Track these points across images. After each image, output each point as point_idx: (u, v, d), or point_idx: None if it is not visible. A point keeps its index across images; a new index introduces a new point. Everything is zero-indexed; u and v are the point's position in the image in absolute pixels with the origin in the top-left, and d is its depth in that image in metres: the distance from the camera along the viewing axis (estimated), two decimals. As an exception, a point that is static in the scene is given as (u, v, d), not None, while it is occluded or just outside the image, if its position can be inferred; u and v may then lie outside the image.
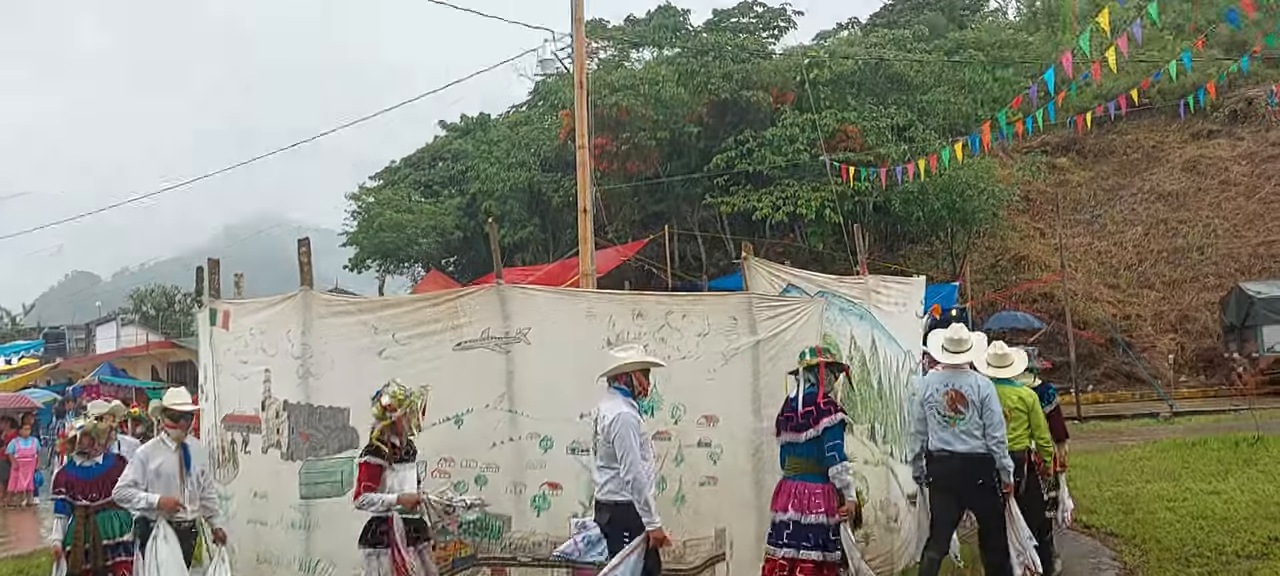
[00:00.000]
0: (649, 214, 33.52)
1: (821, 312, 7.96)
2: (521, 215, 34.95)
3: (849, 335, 8.48)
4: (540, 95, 41.29)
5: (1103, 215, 31.96)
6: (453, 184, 39.33)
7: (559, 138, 33.45)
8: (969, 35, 35.75)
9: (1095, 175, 33.90)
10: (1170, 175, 32.20)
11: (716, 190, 30.03)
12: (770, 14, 36.35)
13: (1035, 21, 43.48)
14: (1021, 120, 20.63)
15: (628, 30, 37.72)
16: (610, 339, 7.16)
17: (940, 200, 27.84)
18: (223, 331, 7.83)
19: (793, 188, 28.44)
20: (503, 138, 38.70)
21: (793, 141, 29.00)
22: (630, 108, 30.18)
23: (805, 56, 32.58)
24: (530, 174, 34.66)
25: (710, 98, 31.11)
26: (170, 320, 56.36)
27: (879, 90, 32.28)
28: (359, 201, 39.96)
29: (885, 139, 29.49)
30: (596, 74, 31.56)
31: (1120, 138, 34.66)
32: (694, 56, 32.25)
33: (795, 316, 7.72)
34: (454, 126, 43.49)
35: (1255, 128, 32.68)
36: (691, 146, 31.83)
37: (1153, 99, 30.21)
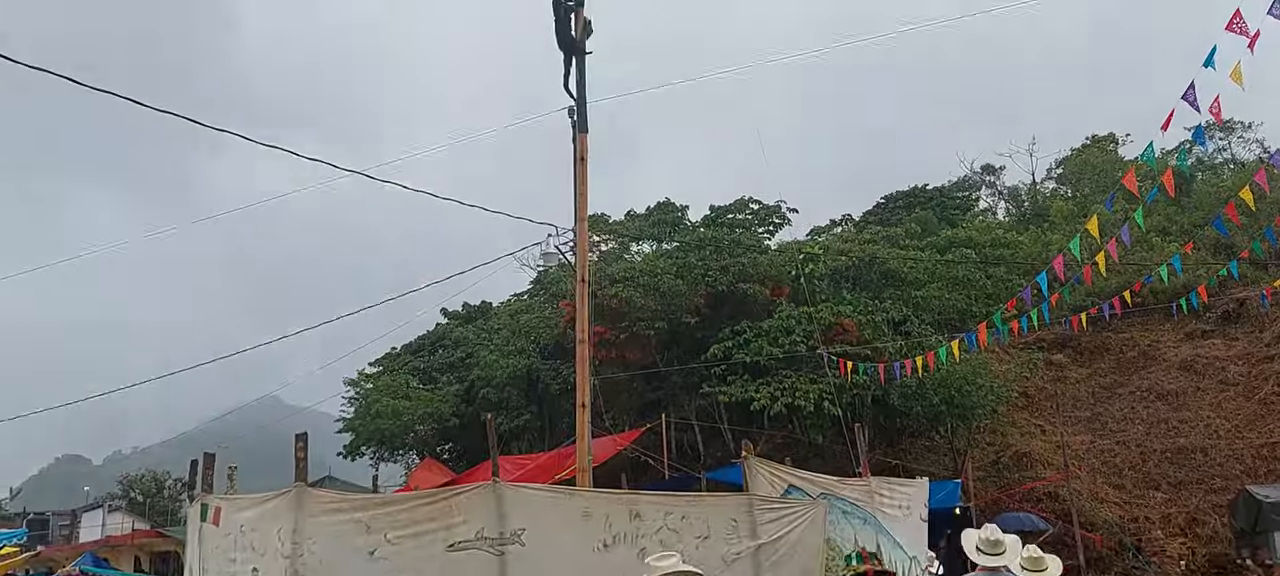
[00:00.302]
0: (646, 402, 33.40)
1: (825, 515, 7.82)
2: (519, 402, 34.82)
3: (853, 539, 8.30)
4: (542, 285, 42.00)
5: (1103, 413, 31.85)
6: (452, 370, 39.39)
7: (559, 326, 33.74)
8: (960, 233, 36.64)
9: (1093, 372, 34.01)
10: (1168, 374, 32.30)
11: (714, 380, 30.01)
12: (766, 211, 37.36)
13: (1024, 222, 44.70)
14: (1016, 320, 20.95)
15: (628, 225, 38.71)
16: (606, 541, 7.01)
17: (939, 395, 27.79)
18: (212, 527, 7.66)
19: (790, 379, 28.43)
20: (503, 325, 39.05)
21: (789, 333, 29.21)
22: (629, 298, 30.60)
23: (800, 251, 33.28)
24: (529, 361, 34.76)
25: (708, 289, 31.57)
26: (159, 506, 55.23)
27: (874, 285, 32.81)
28: (357, 387, 39.92)
29: (882, 333, 29.73)
30: (597, 265, 32.18)
31: (1116, 336, 34.98)
32: (692, 250, 32.94)
33: (798, 520, 7.58)
34: (455, 314, 43.97)
35: (1249, 328, 33.04)
36: (689, 336, 32.05)
37: (1145, 299, 30.67)
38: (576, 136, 13.38)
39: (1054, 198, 46.78)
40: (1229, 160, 46.20)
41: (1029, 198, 50.19)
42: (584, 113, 13.37)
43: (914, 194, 47.13)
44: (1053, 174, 50.78)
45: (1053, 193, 48.86)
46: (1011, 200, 52.44)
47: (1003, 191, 53.71)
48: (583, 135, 13.25)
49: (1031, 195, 50.24)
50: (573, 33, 13.67)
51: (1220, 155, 46.92)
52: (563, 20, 13.64)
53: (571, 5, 13.78)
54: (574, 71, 13.64)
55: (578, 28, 13.73)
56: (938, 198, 46.70)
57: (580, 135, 13.28)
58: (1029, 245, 36.92)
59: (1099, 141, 47.69)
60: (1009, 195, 52.98)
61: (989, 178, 54.25)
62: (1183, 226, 36.09)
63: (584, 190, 13.21)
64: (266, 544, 7.25)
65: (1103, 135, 48.17)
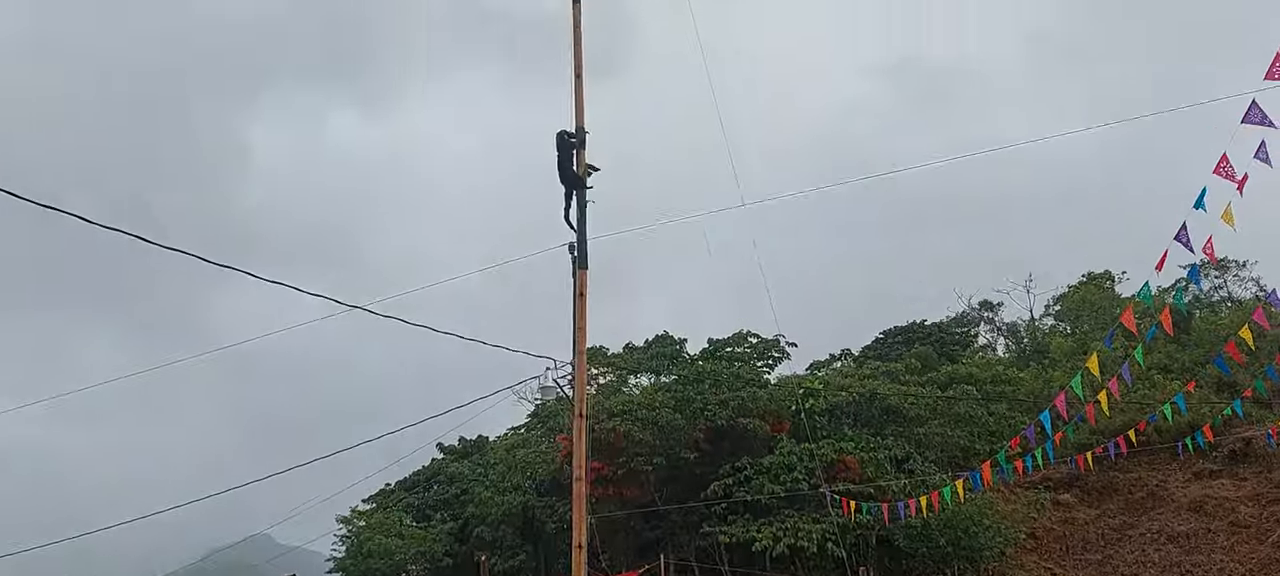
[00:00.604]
0: (644, 541, 32.59)
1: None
2: (514, 542, 34.01)
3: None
4: (539, 418, 41.59)
5: (1114, 556, 31.03)
6: (446, 507, 38.68)
7: (556, 462, 33.24)
8: (960, 370, 36.50)
9: (1102, 513, 33.30)
10: (1178, 516, 31.61)
11: (714, 519, 29.38)
12: (764, 344, 37.31)
13: (1024, 358, 44.57)
14: (1021, 458, 20.65)
15: (627, 358, 38.59)
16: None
17: (945, 536, 27.18)
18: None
19: (793, 519, 27.84)
20: (499, 460, 38.50)
21: (791, 470, 28.77)
22: (627, 432, 30.24)
23: (800, 386, 33.09)
24: (524, 498, 34.12)
25: (707, 424, 31.25)
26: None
27: (875, 421, 32.49)
28: (349, 525, 39.12)
29: (884, 471, 29.28)
30: (595, 399, 31.92)
31: (1123, 475, 34.39)
32: (691, 383, 32.74)
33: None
34: (451, 448, 43.42)
35: (1257, 468, 32.51)
36: (688, 472, 31.54)
37: (1151, 438, 30.30)
38: (576, 272, 13.44)
39: (1053, 334, 46.78)
40: (1226, 298, 46.41)
41: (1028, 334, 50.20)
42: (584, 249, 13.48)
43: (913, 329, 47.18)
44: (1051, 310, 50.93)
45: (1052, 329, 48.91)
46: (1011, 336, 52.44)
47: (1002, 327, 53.78)
48: (582, 271, 13.32)
49: (1031, 331, 50.28)
50: (575, 169, 13.92)
51: (1217, 293, 47.17)
52: (566, 156, 13.92)
53: (574, 143, 14.08)
54: (575, 207, 13.83)
55: (580, 166, 13.98)
56: (936, 333, 46.72)
57: (580, 271, 13.34)
58: (1030, 382, 36.70)
59: (1095, 278, 47.99)
60: (1008, 331, 53.01)
61: (987, 314, 54.40)
62: (1184, 364, 35.94)
63: (583, 325, 13.19)
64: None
65: (1099, 272, 48.53)
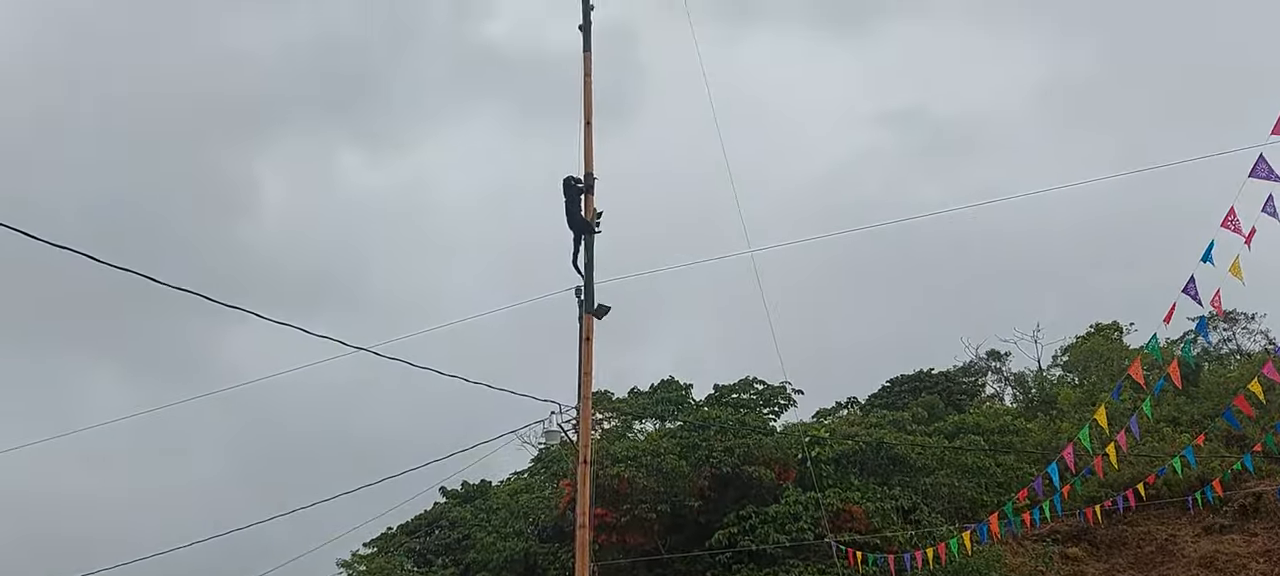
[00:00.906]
0: (648, 591, 32.26)
1: None
2: (515, 589, 33.65)
3: None
4: (543, 463, 41.32)
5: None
6: (448, 553, 38.30)
7: (559, 508, 32.98)
8: (968, 419, 36.25)
9: (1110, 568, 32.86)
10: (1188, 571, 31.19)
11: (719, 568, 29.08)
12: (770, 391, 37.16)
13: (1032, 408, 44.29)
14: (1028, 510, 20.44)
15: (631, 402, 38.47)
16: None
17: (952, 589, 26.80)
18: None
19: (798, 569, 27.57)
20: (502, 505, 38.20)
21: (796, 519, 28.52)
22: (631, 478, 30.04)
23: (806, 434, 32.90)
24: (527, 544, 33.79)
25: (712, 470, 31.03)
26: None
27: (881, 470, 32.24)
28: (350, 569, 38.75)
29: (891, 521, 28.99)
30: (599, 443, 31.74)
31: (1132, 529, 33.99)
32: (696, 430, 32.57)
33: None
34: (454, 493, 43.09)
35: (1268, 524, 32.11)
36: (693, 520, 31.26)
37: (1160, 492, 29.98)
38: (582, 316, 13.44)
39: (1061, 385, 46.53)
40: (1235, 351, 46.19)
41: (1036, 384, 49.93)
42: (591, 293, 13.50)
43: (920, 378, 46.96)
44: (1058, 361, 50.71)
45: (1059, 380, 48.65)
46: (1018, 386, 52.13)
47: (1009, 377, 53.48)
48: (589, 316, 13.32)
49: (1038, 382, 50.01)
50: (583, 214, 13.98)
51: (1226, 346, 46.96)
52: (573, 202, 13.99)
53: (581, 189, 14.15)
54: (583, 252, 13.87)
55: (588, 211, 14.04)
56: (944, 382, 46.49)
57: (587, 315, 13.34)
58: (1038, 433, 36.42)
59: (1103, 329, 47.82)
60: (1016, 381, 52.73)
61: (995, 364, 54.16)
62: (1192, 416, 35.67)
63: (589, 369, 13.17)
64: None
65: (1107, 324, 48.37)
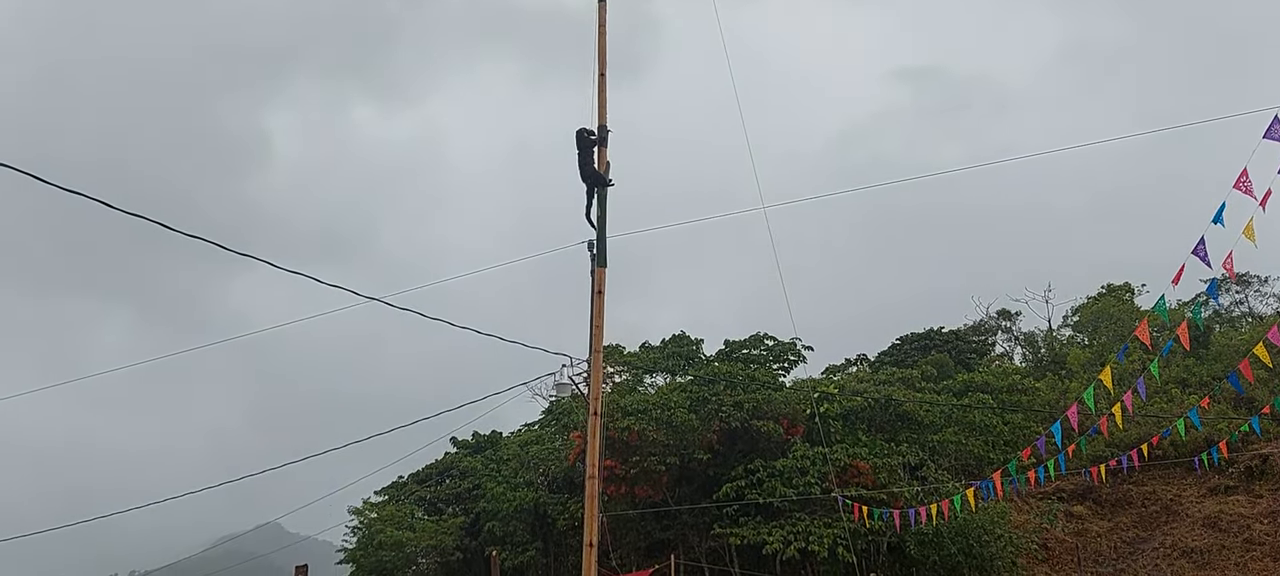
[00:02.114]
0: (655, 541, 32.63)
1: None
2: (525, 537, 34.13)
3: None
4: (553, 416, 41.71)
5: (1126, 570, 30.85)
6: (458, 501, 38.81)
7: (568, 459, 33.32)
8: (977, 378, 36.37)
9: (1114, 526, 33.10)
10: (1192, 531, 31.39)
11: (725, 520, 29.39)
12: (781, 347, 37.28)
13: (1041, 368, 44.34)
14: (1033, 469, 20.58)
15: (642, 356, 38.65)
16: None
17: (956, 544, 27.09)
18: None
19: (804, 522, 27.83)
20: (512, 456, 38.62)
21: (804, 474, 28.76)
22: (641, 431, 30.28)
23: (815, 390, 33.02)
24: (536, 494, 34.22)
25: (721, 425, 31.24)
26: (150, 638, 53.81)
27: (889, 427, 32.41)
28: (361, 517, 39.30)
29: (897, 477, 29.21)
30: (609, 397, 31.97)
31: (1137, 488, 34.19)
32: (706, 384, 32.76)
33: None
34: (465, 443, 43.56)
35: (1273, 485, 32.22)
36: (701, 473, 31.56)
37: (1167, 452, 30.08)
38: (594, 270, 13.50)
39: (1071, 345, 46.53)
40: (1247, 313, 46.06)
41: (1046, 344, 49.94)
42: (604, 247, 13.54)
43: (930, 336, 47.03)
44: (1069, 321, 50.66)
45: (1069, 340, 48.64)
46: (1028, 346, 52.16)
47: (1019, 337, 53.51)
48: (601, 270, 13.37)
49: (1048, 342, 50.01)
50: (596, 167, 13.98)
51: (1238, 308, 46.82)
52: (586, 154, 13.98)
53: (595, 141, 14.13)
54: (596, 205, 13.89)
55: (601, 164, 14.04)
56: (954, 341, 46.55)
57: (598, 269, 13.40)
58: (1046, 392, 36.51)
59: (1115, 290, 47.70)
60: (1025, 341, 52.75)
61: (1005, 323, 54.15)
62: (1202, 378, 35.70)
63: (600, 322, 13.24)
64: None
65: (1119, 284, 48.23)
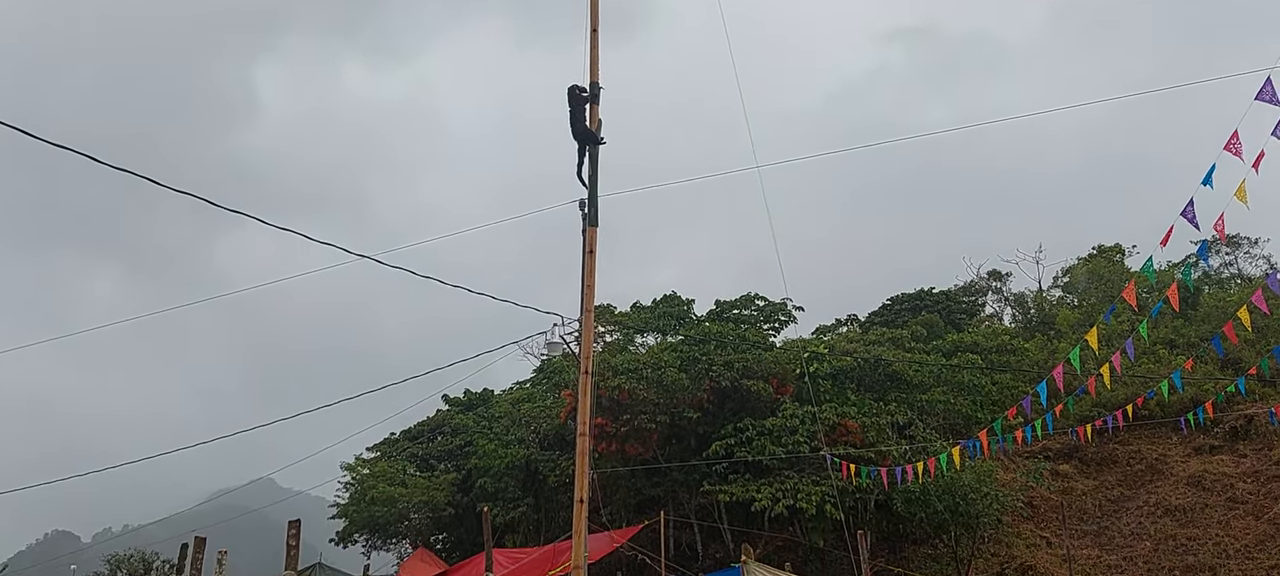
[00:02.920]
0: (645, 498, 32.92)
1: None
2: (516, 493, 34.37)
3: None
4: (544, 374, 41.85)
5: (1110, 527, 31.28)
6: (450, 458, 39.02)
7: (560, 417, 33.49)
8: (966, 338, 36.59)
9: (1099, 484, 33.50)
10: (1176, 490, 31.80)
11: (715, 477, 29.62)
12: (771, 308, 37.41)
13: (1031, 329, 44.61)
14: (1020, 428, 20.75)
15: (633, 316, 38.73)
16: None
17: (943, 502, 27.36)
18: (196, 614, 7.46)
19: (792, 480, 28.06)
20: (504, 414, 38.79)
21: (793, 432, 28.94)
22: (632, 390, 30.40)
23: (805, 350, 33.18)
24: (528, 451, 34.42)
25: (711, 384, 31.39)
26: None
27: (878, 387, 32.61)
28: (353, 472, 39.51)
29: (886, 436, 29.45)
30: (601, 356, 32.05)
31: (1123, 448, 34.56)
32: (697, 344, 32.87)
33: (798, 629, 7.37)
34: (456, 400, 43.73)
35: (1258, 445, 32.61)
36: (691, 432, 31.76)
37: (1153, 412, 30.37)
38: (586, 229, 13.47)
39: (1060, 306, 46.78)
40: (1236, 275, 46.35)
41: (1036, 305, 50.19)
42: (595, 206, 13.49)
43: (920, 297, 47.20)
44: (1059, 282, 50.91)
45: (1059, 300, 48.89)
46: (1018, 307, 52.45)
47: (1009, 297, 53.78)
48: (592, 229, 13.34)
49: (1038, 302, 50.26)
50: (588, 124, 13.89)
51: (1227, 270, 47.10)
52: (578, 112, 13.89)
53: (587, 98, 14.03)
54: (588, 163, 13.82)
55: (593, 121, 13.95)
56: (944, 301, 46.74)
57: (590, 228, 13.37)
58: (1035, 353, 36.77)
59: (1105, 251, 47.89)
60: (1015, 302, 53.02)
61: (995, 284, 54.38)
62: (1190, 339, 35.99)
63: (591, 282, 13.24)
64: (251, 633, 7.07)
65: (1109, 246, 48.42)
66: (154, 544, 60.70)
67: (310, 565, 31.02)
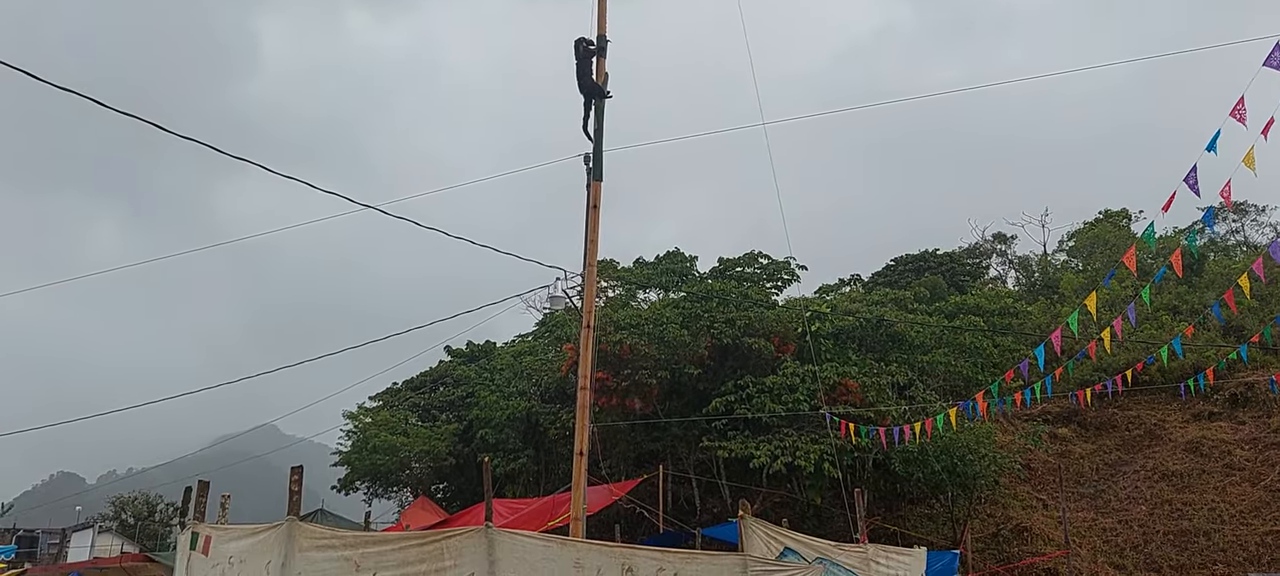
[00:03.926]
0: (644, 452, 33.13)
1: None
2: (517, 445, 34.60)
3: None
4: (547, 327, 41.92)
5: (1107, 491, 31.52)
6: (451, 409, 39.23)
7: (561, 371, 33.59)
8: (969, 300, 36.56)
9: (1098, 448, 33.70)
10: (1173, 454, 31.98)
11: (714, 433, 29.76)
12: (774, 266, 37.32)
13: (1034, 292, 44.58)
14: (1020, 391, 20.82)
15: (636, 272, 38.71)
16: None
17: (941, 463, 27.53)
18: (201, 557, 7.57)
19: (791, 438, 28.18)
20: (506, 366, 38.92)
21: (793, 391, 29.02)
22: (633, 345, 30.47)
23: (807, 309, 33.14)
24: (529, 404, 34.57)
25: (712, 341, 31.42)
26: (149, 530, 54.99)
27: (880, 347, 32.64)
28: (355, 421, 39.75)
29: (886, 396, 29.51)
30: (603, 311, 32.09)
31: (1122, 413, 34.70)
32: (699, 301, 32.86)
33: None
34: (459, 352, 43.88)
35: (1257, 413, 32.74)
36: (691, 387, 31.85)
37: (1153, 377, 30.43)
38: (590, 183, 13.43)
39: (1065, 270, 46.70)
40: (1242, 242, 46.22)
41: (1040, 268, 50.12)
42: (600, 160, 13.44)
43: (924, 258, 47.13)
44: (1064, 246, 50.79)
45: (1063, 265, 48.81)
46: (1022, 270, 52.41)
47: (1013, 261, 53.72)
48: (597, 183, 13.30)
49: (1042, 266, 50.18)
50: (594, 78, 13.79)
51: (1234, 237, 46.97)
52: (584, 65, 13.78)
53: (593, 51, 13.91)
54: (593, 117, 13.74)
55: (599, 74, 13.84)
56: (948, 263, 46.67)
57: (594, 183, 13.32)
58: (1038, 316, 36.76)
59: (1112, 216, 47.72)
60: (1019, 265, 52.97)
61: (1000, 246, 54.29)
62: (1193, 306, 35.97)
63: (595, 237, 13.22)
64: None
65: (1116, 210, 48.22)
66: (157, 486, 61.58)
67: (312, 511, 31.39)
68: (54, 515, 61.00)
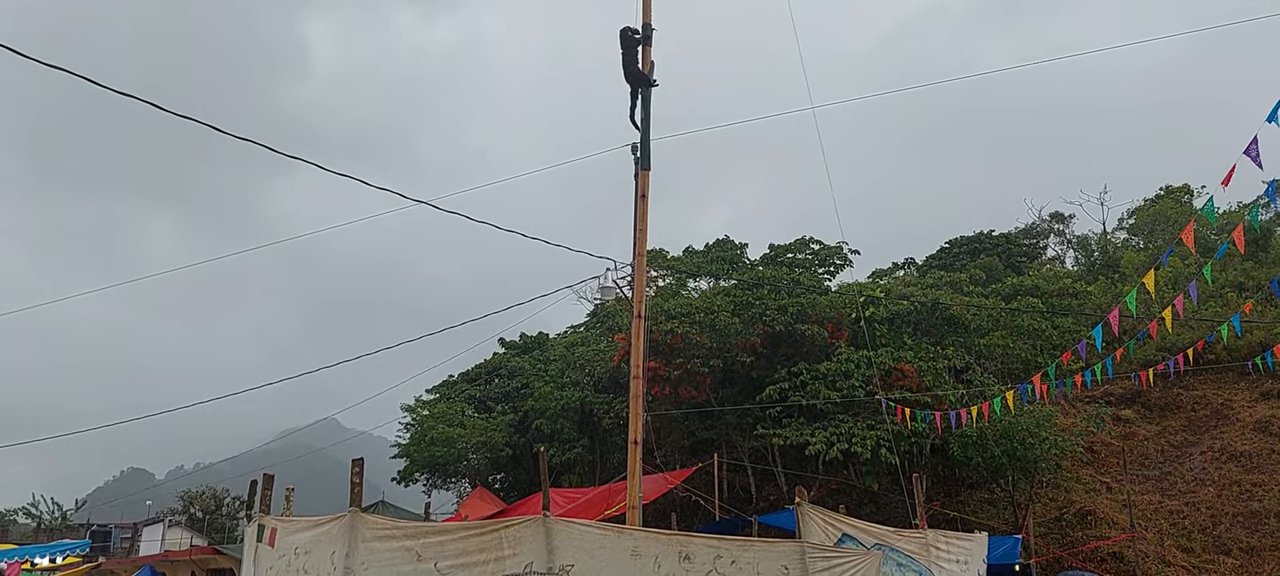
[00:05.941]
0: (698, 441, 33.15)
1: (879, 567, 7.65)
2: (571, 435, 34.87)
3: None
4: (598, 318, 42.11)
5: (1172, 473, 30.79)
6: (507, 400, 39.62)
7: (613, 360, 33.74)
8: (1026, 281, 35.93)
9: (1162, 430, 32.92)
10: (1242, 435, 31.12)
11: (768, 421, 29.65)
12: (826, 251, 37.01)
13: (1094, 272, 43.66)
14: (1079, 373, 20.43)
15: (686, 261, 38.68)
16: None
17: (1000, 447, 27.13)
18: (268, 548, 7.77)
19: (847, 424, 27.98)
20: (559, 357, 39.22)
21: (847, 377, 28.80)
22: (685, 334, 30.47)
23: (861, 294, 32.83)
24: (582, 394, 34.80)
25: (764, 328, 31.28)
26: (217, 524, 56.53)
27: (936, 331, 32.23)
28: (413, 414, 40.34)
29: (942, 381, 29.14)
30: (653, 301, 32.13)
31: (1187, 393, 33.86)
32: (750, 288, 32.73)
33: (851, 569, 7.43)
34: (513, 343, 44.31)
35: (1328, 390, 31.74)
36: (744, 375, 31.77)
37: (1219, 356, 29.65)
38: (638, 173, 13.45)
39: (1126, 248, 45.64)
40: (1311, 216, 44.72)
41: (1099, 247, 49.02)
42: (647, 150, 13.46)
43: (979, 240, 46.38)
44: (1124, 224, 49.62)
45: (1124, 243, 47.69)
46: (1081, 249, 51.31)
47: (1072, 240, 52.61)
48: (645, 172, 13.33)
49: (1102, 245, 49.08)
50: (640, 67, 13.79)
51: (1301, 210, 45.46)
52: (630, 55, 13.79)
53: (639, 40, 13.92)
54: (640, 106, 13.75)
55: (645, 63, 13.85)
56: (1004, 244, 45.88)
57: (642, 172, 13.35)
58: (1098, 296, 36.00)
59: (1173, 192, 46.51)
60: (1078, 244, 51.86)
61: (1058, 226, 53.21)
62: (1259, 282, 34.93)
63: (644, 226, 13.26)
64: (319, 567, 7.33)
65: (1177, 186, 46.99)
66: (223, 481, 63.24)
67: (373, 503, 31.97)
68: (126, 510, 63.07)
